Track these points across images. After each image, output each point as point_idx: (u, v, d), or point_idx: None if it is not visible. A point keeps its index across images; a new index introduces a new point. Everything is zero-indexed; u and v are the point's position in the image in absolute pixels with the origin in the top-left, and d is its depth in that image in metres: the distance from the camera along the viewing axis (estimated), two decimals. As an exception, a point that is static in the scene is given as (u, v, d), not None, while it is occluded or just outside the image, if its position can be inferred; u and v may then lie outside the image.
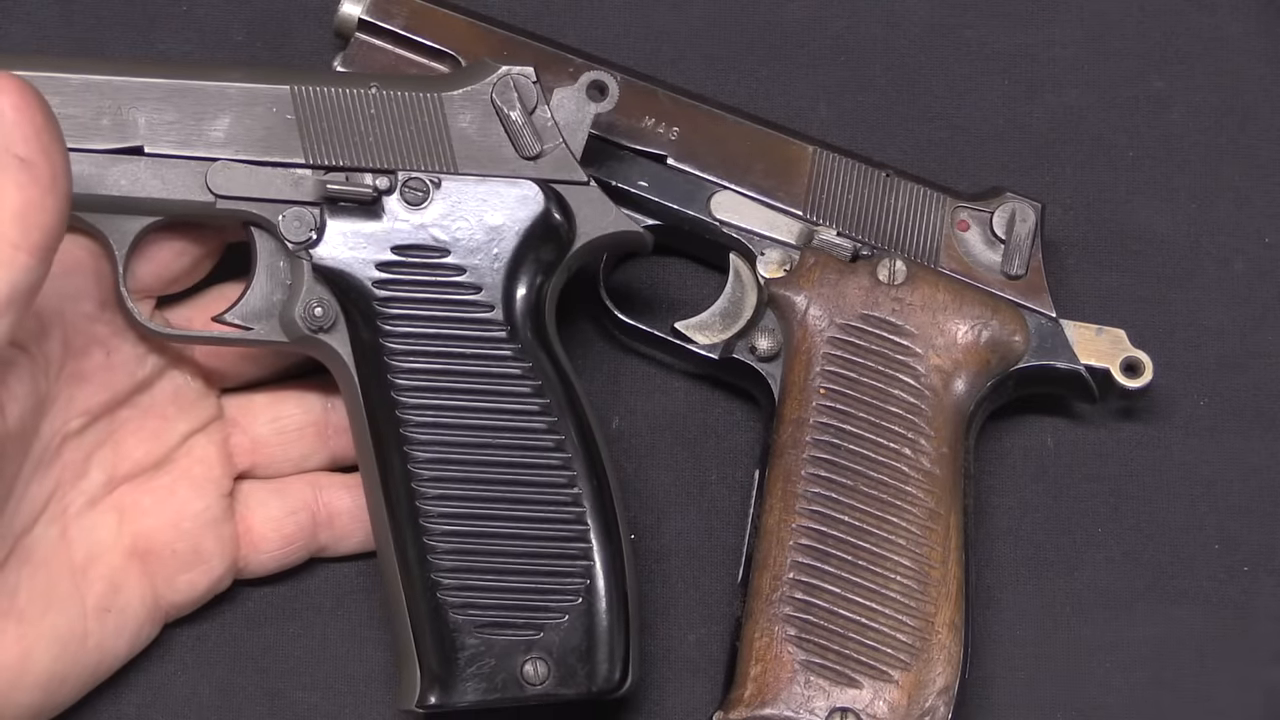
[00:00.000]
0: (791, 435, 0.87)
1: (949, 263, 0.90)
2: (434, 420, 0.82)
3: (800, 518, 0.86)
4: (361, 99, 0.84)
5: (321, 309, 0.83)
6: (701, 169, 0.90)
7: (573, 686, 0.82)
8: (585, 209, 0.85)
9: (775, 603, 0.85)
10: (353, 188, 0.83)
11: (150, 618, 0.85)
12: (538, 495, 0.83)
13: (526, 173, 0.84)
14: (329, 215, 0.83)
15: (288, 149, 0.83)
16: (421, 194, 0.83)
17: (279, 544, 0.87)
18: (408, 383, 0.82)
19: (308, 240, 0.83)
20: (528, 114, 0.84)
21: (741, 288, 0.91)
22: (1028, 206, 0.90)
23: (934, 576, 0.85)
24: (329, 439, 0.87)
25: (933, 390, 0.88)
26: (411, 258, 0.83)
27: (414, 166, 0.84)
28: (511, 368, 0.83)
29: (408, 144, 0.84)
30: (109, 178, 0.82)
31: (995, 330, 0.89)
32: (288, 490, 0.87)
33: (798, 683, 0.84)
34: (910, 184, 0.90)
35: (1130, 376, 0.90)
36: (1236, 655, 0.90)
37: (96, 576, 0.83)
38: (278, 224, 0.83)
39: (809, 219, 0.90)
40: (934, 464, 0.87)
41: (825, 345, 0.88)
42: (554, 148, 0.84)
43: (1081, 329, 0.90)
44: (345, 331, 0.83)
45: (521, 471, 0.83)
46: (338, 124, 0.83)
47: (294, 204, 0.83)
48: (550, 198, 0.84)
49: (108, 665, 0.84)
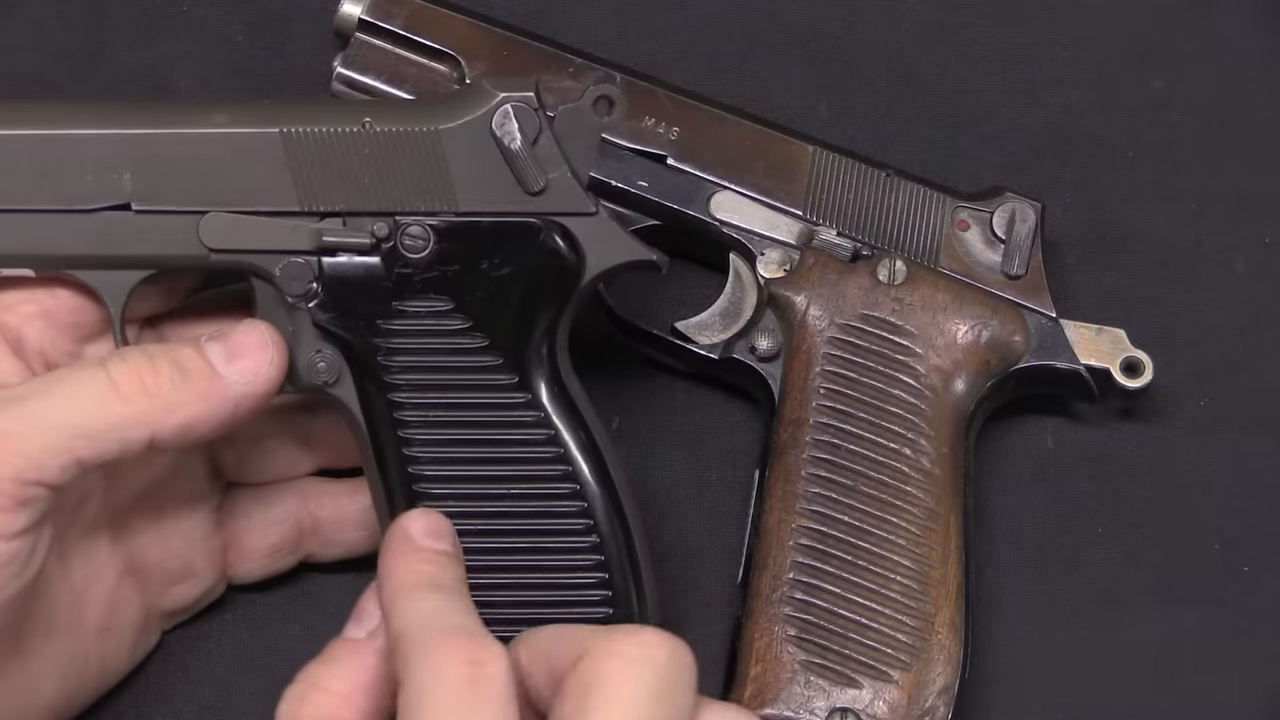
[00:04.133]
0: (791, 435, 0.87)
1: (949, 263, 0.90)
2: (445, 474, 0.80)
3: (800, 518, 0.86)
4: (355, 139, 0.80)
5: (324, 363, 0.80)
6: (701, 169, 0.90)
7: None
8: (595, 240, 0.81)
9: (775, 603, 0.85)
10: (350, 238, 0.80)
11: (147, 628, 0.85)
12: (554, 545, 0.80)
13: (531, 208, 0.80)
14: (327, 265, 0.80)
15: (281, 197, 0.80)
16: (422, 241, 0.80)
17: (265, 553, 0.86)
18: (418, 436, 0.80)
19: (307, 292, 0.80)
20: (530, 144, 0.80)
21: (741, 288, 0.91)
22: (1028, 206, 0.90)
23: (934, 576, 0.85)
24: (311, 447, 0.87)
25: (933, 390, 0.88)
26: (414, 305, 0.80)
27: (413, 207, 0.80)
28: (523, 415, 0.80)
29: (405, 184, 0.80)
30: (98, 236, 0.79)
31: (995, 330, 0.89)
32: (273, 499, 0.86)
33: (798, 683, 0.84)
34: (910, 184, 0.90)
35: (1130, 376, 0.90)
36: (1236, 655, 0.90)
37: (94, 599, 0.82)
38: (274, 275, 0.80)
39: (809, 219, 0.90)
40: (934, 464, 0.87)
41: (825, 345, 0.88)
42: (559, 177, 0.80)
43: (1081, 329, 0.90)
44: (351, 384, 0.80)
45: (538, 520, 0.80)
46: (331, 167, 0.80)
47: (290, 254, 0.80)
48: (558, 233, 0.80)
49: (110, 680, 0.84)
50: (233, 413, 0.78)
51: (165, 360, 0.78)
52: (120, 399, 0.76)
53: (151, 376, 0.77)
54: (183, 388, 0.77)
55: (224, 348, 0.79)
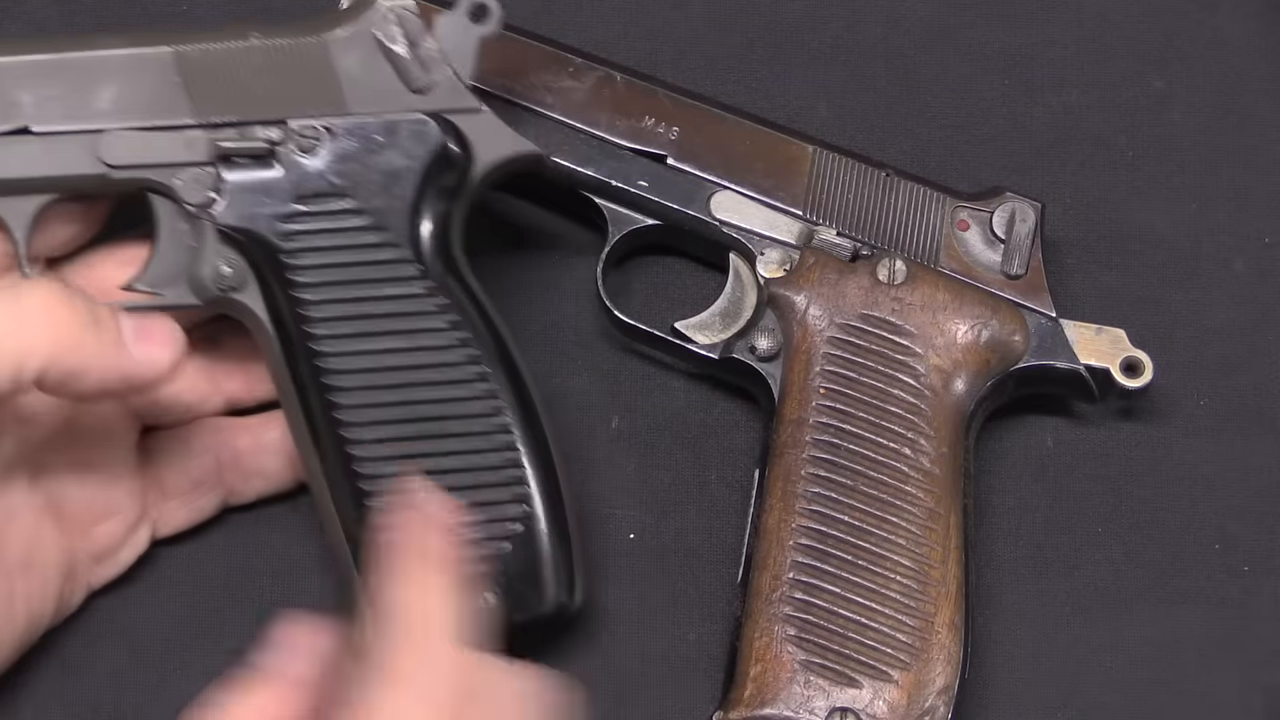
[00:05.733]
0: (791, 435, 0.87)
1: (949, 262, 0.90)
2: (355, 366, 0.82)
3: (800, 518, 0.86)
4: (244, 52, 0.83)
5: (230, 268, 0.83)
6: (701, 169, 0.90)
7: (524, 611, 0.82)
8: (481, 135, 0.84)
9: (775, 603, 0.85)
10: (245, 143, 0.83)
11: (70, 573, 0.85)
12: (466, 427, 0.83)
13: (418, 106, 0.84)
14: (225, 173, 0.83)
15: (176, 111, 0.83)
16: (314, 141, 0.83)
17: (187, 488, 0.87)
18: (325, 331, 0.82)
19: (207, 201, 0.83)
20: (413, 46, 0.84)
21: (741, 287, 0.91)
22: (1027, 206, 0.90)
23: (934, 576, 0.85)
24: (220, 383, 0.87)
25: (932, 390, 0.88)
26: (313, 206, 0.83)
27: (304, 113, 0.83)
28: (426, 304, 0.83)
29: (295, 91, 0.83)
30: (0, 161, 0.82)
31: (995, 330, 0.89)
32: (189, 436, 0.87)
33: (797, 682, 0.84)
34: (910, 184, 0.90)
35: (1130, 376, 0.90)
36: (1236, 655, 0.89)
37: (14, 536, 0.83)
38: (174, 188, 0.83)
39: (809, 219, 0.90)
40: (933, 464, 0.87)
41: (825, 345, 0.88)
42: (443, 78, 0.84)
43: (1081, 329, 0.90)
44: (257, 288, 0.83)
45: (447, 405, 0.83)
46: (223, 80, 0.83)
47: (188, 165, 0.83)
48: (445, 128, 0.84)
49: (37, 625, 0.84)
50: (117, 384, 0.79)
51: (83, 302, 0.78)
52: (25, 322, 0.77)
53: (64, 310, 0.77)
54: (89, 335, 0.78)
55: (135, 325, 0.79)
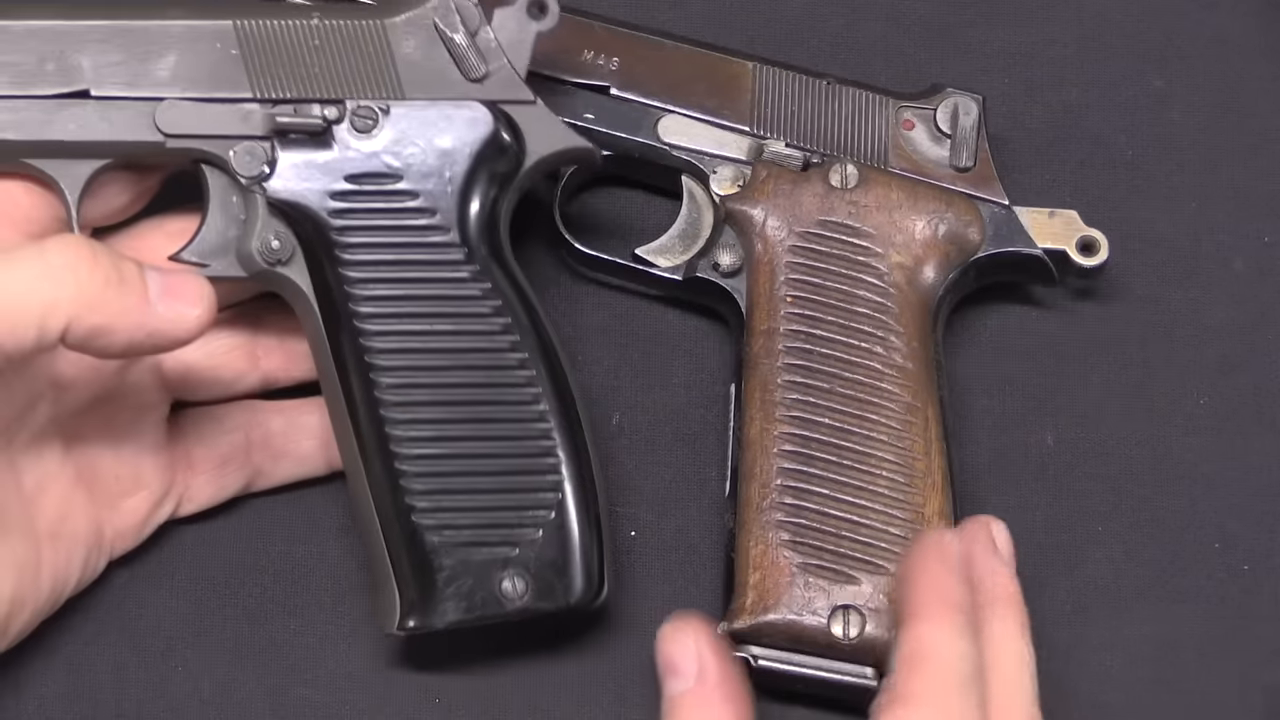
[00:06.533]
0: (763, 346, 0.88)
1: (898, 162, 0.90)
2: (397, 346, 0.83)
3: (781, 425, 0.86)
4: (305, 30, 0.84)
5: (279, 242, 0.83)
6: (645, 95, 0.91)
7: (551, 600, 0.83)
8: (534, 127, 0.85)
9: (766, 510, 0.85)
10: (302, 119, 0.83)
11: (96, 544, 0.85)
12: (504, 413, 0.83)
13: (473, 95, 0.84)
14: (280, 148, 0.83)
15: (235, 84, 0.83)
16: (371, 122, 0.84)
17: (215, 464, 0.87)
18: (369, 310, 0.83)
19: (260, 174, 0.83)
20: (471, 36, 0.84)
21: (697, 208, 0.91)
22: (969, 99, 0.91)
23: (919, 468, 0.86)
24: (259, 360, 0.88)
25: (897, 287, 0.88)
26: (365, 186, 0.83)
27: (361, 95, 0.84)
28: (471, 289, 0.83)
29: (354, 73, 0.84)
30: (57, 123, 0.82)
31: (951, 223, 0.90)
32: (223, 413, 0.87)
33: (797, 585, 0.85)
34: (852, 89, 0.91)
35: (1086, 255, 0.91)
36: (1236, 655, 0.89)
37: (46, 504, 0.83)
38: (229, 160, 0.83)
39: (756, 133, 0.91)
40: (906, 359, 0.87)
41: (787, 255, 0.89)
42: (499, 68, 0.85)
43: (1035, 214, 0.91)
44: (303, 263, 0.84)
45: (487, 390, 0.83)
46: (283, 57, 0.84)
47: (244, 139, 0.83)
48: (499, 118, 0.84)
49: (60, 593, 0.84)
50: (144, 341, 0.79)
51: (107, 258, 0.78)
52: (49, 277, 0.76)
53: (88, 265, 0.77)
54: (113, 291, 0.77)
55: (162, 282, 0.79)
